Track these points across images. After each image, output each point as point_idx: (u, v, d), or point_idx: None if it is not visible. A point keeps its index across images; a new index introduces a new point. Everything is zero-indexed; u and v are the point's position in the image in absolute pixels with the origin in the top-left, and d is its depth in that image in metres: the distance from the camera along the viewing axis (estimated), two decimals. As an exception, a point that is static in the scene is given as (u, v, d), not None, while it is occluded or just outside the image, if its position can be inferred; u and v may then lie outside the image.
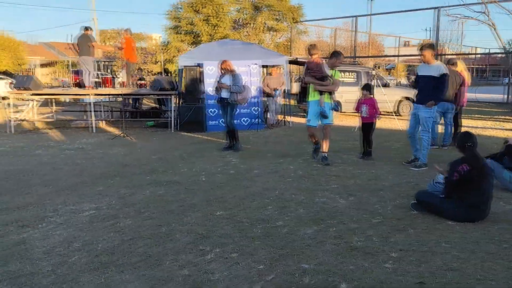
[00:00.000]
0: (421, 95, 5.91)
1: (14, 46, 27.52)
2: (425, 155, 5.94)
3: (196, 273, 2.84)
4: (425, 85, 5.80)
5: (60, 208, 4.28)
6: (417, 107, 5.96)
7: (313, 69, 6.02)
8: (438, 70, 5.71)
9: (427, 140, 5.92)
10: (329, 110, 6.15)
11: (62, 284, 2.70)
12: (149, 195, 4.73)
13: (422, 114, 5.86)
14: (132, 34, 12.87)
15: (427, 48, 5.78)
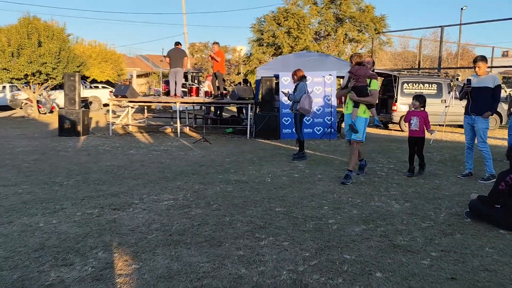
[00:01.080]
0: (476, 106, 5.90)
1: (115, 58, 30.54)
2: (491, 165, 5.92)
3: (250, 254, 3.30)
4: (480, 96, 5.82)
5: (144, 197, 5.02)
6: (471, 118, 5.97)
7: (355, 78, 5.69)
8: (493, 81, 5.78)
9: (487, 151, 5.93)
10: (362, 124, 5.71)
11: (141, 253, 3.32)
12: (219, 191, 5.31)
13: (480, 126, 5.89)
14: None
15: (480, 60, 5.84)
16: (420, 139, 6.15)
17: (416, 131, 6.09)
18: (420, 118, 6.05)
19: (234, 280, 2.86)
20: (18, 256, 3.24)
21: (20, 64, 16.55)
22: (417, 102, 6.12)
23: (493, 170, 5.91)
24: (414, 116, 6.10)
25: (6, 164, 7.02)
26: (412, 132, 6.13)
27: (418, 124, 6.06)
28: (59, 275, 2.92)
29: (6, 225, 3.95)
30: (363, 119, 5.71)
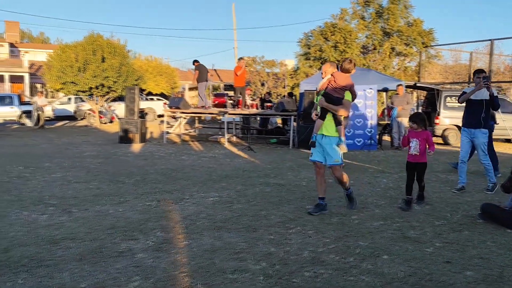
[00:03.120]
0: (473, 119, 5.81)
1: (169, 72, 32.40)
2: (492, 175, 6.04)
3: (279, 238, 3.96)
4: (477, 109, 5.75)
5: (194, 194, 5.82)
6: (470, 132, 5.88)
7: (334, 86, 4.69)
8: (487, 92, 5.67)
9: (488, 164, 5.96)
10: (335, 145, 4.73)
11: (191, 234, 4.07)
12: (258, 191, 6.01)
13: (480, 140, 5.81)
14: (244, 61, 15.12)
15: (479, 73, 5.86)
16: (420, 165, 5.15)
17: (415, 155, 5.10)
18: (421, 140, 5.06)
19: (264, 255, 3.53)
20: (96, 232, 4.10)
21: (85, 78, 18.25)
22: (414, 124, 5.15)
23: (495, 179, 6.07)
24: (414, 138, 5.10)
25: (77, 165, 8.12)
26: (411, 157, 5.15)
27: (418, 147, 5.05)
28: (128, 246, 3.73)
29: (83, 211, 4.87)
30: (336, 139, 4.73)
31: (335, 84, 4.64)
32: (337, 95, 4.65)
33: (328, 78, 4.71)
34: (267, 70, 28.79)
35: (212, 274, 3.15)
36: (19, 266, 3.23)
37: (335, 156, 4.73)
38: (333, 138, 4.72)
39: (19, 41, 42.11)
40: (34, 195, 5.59)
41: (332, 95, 4.65)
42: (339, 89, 4.63)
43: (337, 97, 4.65)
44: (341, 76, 4.67)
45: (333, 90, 4.65)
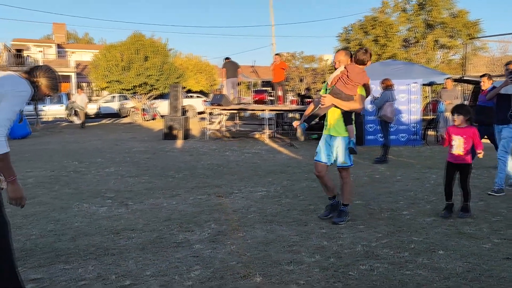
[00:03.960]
0: (501, 114, 5.55)
1: (209, 69, 32.85)
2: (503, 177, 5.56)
3: (331, 232, 4.00)
4: (504, 105, 5.50)
5: (242, 188, 5.94)
6: (498, 128, 5.66)
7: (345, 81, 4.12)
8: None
9: (504, 163, 5.55)
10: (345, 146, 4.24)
11: (244, 227, 4.19)
12: (305, 186, 6.06)
13: (505, 134, 5.51)
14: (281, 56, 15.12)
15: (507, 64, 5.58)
16: (464, 167, 4.46)
17: (458, 156, 4.43)
18: (466, 138, 4.37)
19: (318, 248, 3.59)
20: (153, 223, 4.29)
21: (130, 77, 18.87)
22: (460, 116, 4.40)
23: (503, 184, 5.57)
24: (457, 136, 4.41)
25: (127, 161, 8.45)
26: (452, 157, 4.48)
27: (462, 145, 4.39)
28: (185, 236, 3.89)
29: (139, 204, 5.09)
30: (346, 139, 4.23)
31: (347, 80, 4.02)
32: (348, 93, 4.04)
33: (341, 71, 4.09)
34: (305, 65, 28.66)
35: (268, 265, 3.24)
36: (87, 254, 3.45)
37: (343, 157, 4.25)
38: (343, 139, 4.22)
39: (66, 42, 43.95)
40: (91, 189, 5.89)
41: (342, 92, 4.05)
42: (351, 86, 4.03)
43: (347, 94, 4.05)
44: (356, 70, 4.02)
45: (344, 87, 4.04)
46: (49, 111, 20.92)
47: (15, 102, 2.36)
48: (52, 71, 2.63)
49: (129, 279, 3.01)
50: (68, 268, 3.18)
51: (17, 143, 11.32)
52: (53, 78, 2.61)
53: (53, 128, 16.90)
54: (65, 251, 3.50)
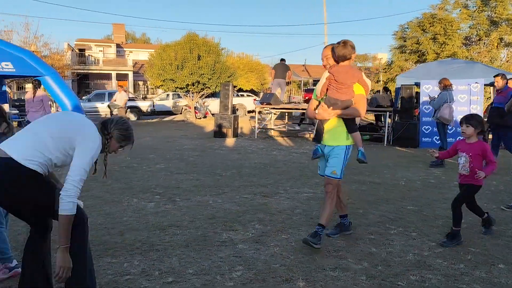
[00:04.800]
0: None
1: (259, 68, 32.96)
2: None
3: (380, 238, 3.82)
4: None
5: (288, 189, 5.85)
6: None
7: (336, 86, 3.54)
8: None
9: None
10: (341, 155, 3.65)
11: (288, 228, 4.10)
12: (354, 189, 5.86)
13: None
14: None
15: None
16: (469, 188, 3.76)
17: (465, 176, 3.74)
18: (473, 156, 3.66)
19: (365, 255, 3.43)
20: (199, 221, 4.31)
21: (183, 75, 19.31)
22: (470, 128, 3.68)
23: None
24: (463, 153, 3.73)
25: (177, 157, 8.62)
26: (460, 177, 3.81)
27: (467, 165, 3.68)
28: (228, 236, 3.87)
29: (185, 201, 5.15)
30: (344, 147, 3.65)
31: (337, 85, 3.48)
32: (345, 98, 3.50)
33: (327, 78, 3.54)
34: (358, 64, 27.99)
35: (312, 270, 3.14)
36: (134, 249, 3.51)
37: (334, 166, 3.63)
38: (342, 147, 3.62)
39: (124, 42, 45.86)
40: (141, 184, 6.04)
41: (338, 100, 3.50)
42: (345, 89, 3.48)
43: (344, 101, 3.50)
44: (341, 70, 3.47)
45: (337, 93, 3.49)
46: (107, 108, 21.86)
47: (86, 158, 2.35)
48: (124, 123, 2.59)
49: (172, 276, 3.02)
50: (114, 262, 3.26)
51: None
52: (125, 130, 2.57)
53: (110, 124, 17.62)
54: (112, 244, 3.59)
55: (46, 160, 2.31)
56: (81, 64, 35.72)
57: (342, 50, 3.43)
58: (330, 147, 3.64)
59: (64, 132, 2.37)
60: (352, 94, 3.53)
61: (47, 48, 25.69)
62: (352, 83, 3.50)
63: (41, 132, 2.36)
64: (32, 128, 2.42)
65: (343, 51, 3.43)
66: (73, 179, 2.28)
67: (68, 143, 2.34)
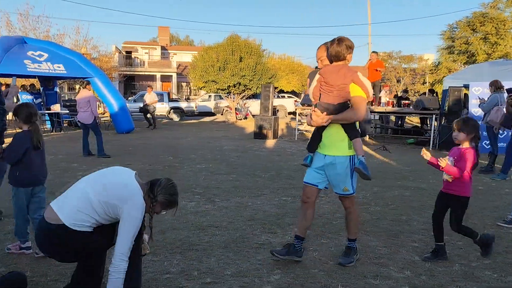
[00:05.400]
0: None
1: (301, 70, 32.79)
2: None
3: (424, 247, 3.68)
4: None
5: (328, 193, 5.72)
6: None
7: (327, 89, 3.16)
8: None
9: None
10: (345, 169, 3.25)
11: (328, 233, 4.03)
12: (397, 194, 5.68)
13: None
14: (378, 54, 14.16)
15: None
16: (453, 200, 3.38)
17: (447, 183, 3.41)
18: (457, 160, 3.33)
19: (408, 263, 3.31)
20: (237, 222, 4.32)
21: (225, 77, 19.52)
22: (461, 133, 3.35)
23: None
24: (450, 157, 3.42)
25: (218, 158, 8.71)
26: (443, 184, 3.48)
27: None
28: (267, 238, 3.86)
29: (225, 201, 5.18)
30: (346, 159, 3.24)
31: (328, 87, 3.10)
32: (338, 101, 3.10)
33: (317, 80, 3.21)
34: (404, 65, 27.22)
35: (352, 277, 3.06)
36: (174, 248, 3.57)
37: (344, 183, 3.25)
38: (343, 159, 3.22)
39: (169, 44, 47.01)
40: (182, 183, 6.15)
41: (330, 105, 3.09)
42: (336, 91, 3.08)
43: (337, 104, 3.09)
44: (330, 70, 3.11)
45: (328, 97, 3.11)
46: (151, 108, 22.47)
47: (131, 228, 2.42)
48: (170, 187, 2.60)
49: (210, 276, 3.04)
50: (155, 260, 3.32)
51: (122, 137, 12.32)
52: (171, 195, 2.59)
53: (154, 125, 18.11)
54: (154, 243, 3.66)
55: (94, 222, 2.46)
56: (128, 66, 36.97)
57: (335, 48, 3.08)
58: (331, 158, 3.22)
59: (111, 198, 2.44)
60: (346, 97, 3.09)
61: (96, 51, 26.76)
62: (344, 85, 3.06)
63: (90, 194, 2.45)
64: (82, 188, 2.52)
65: (337, 49, 3.07)
66: (121, 253, 2.38)
67: (114, 209, 2.44)
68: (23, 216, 3.41)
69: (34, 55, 12.04)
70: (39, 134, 3.39)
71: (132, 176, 2.58)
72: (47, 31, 22.48)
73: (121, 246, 2.39)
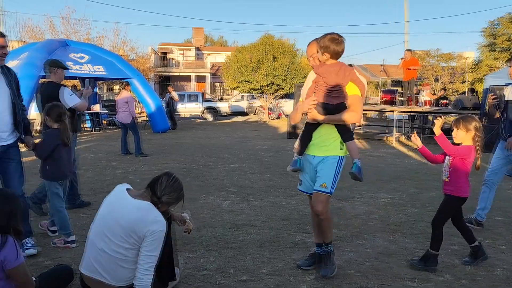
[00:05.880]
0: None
1: (335, 69, 32.38)
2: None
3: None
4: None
5: (363, 193, 5.69)
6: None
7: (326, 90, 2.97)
8: None
9: None
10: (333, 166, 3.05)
11: (364, 234, 3.99)
12: (434, 195, 5.54)
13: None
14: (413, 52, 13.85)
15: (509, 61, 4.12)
16: (450, 200, 3.33)
17: (445, 182, 3.33)
18: (454, 160, 3.22)
19: (447, 266, 3.24)
20: (272, 221, 4.35)
21: (258, 77, 19.61)
22: (459, 131, 3.21)
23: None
24: (448, 156, 3.30)
25: (251, 158, 8.77)
26: (443, 185, 3.38)
27: (447, 168, 3.28)
28: (302, 238, 3.86)
29: (259, 201, 5.22)
30: (336, 158, 3.06)
31: (327, 87, 2.93)
32: (337, 101, 2.94)
33: (313, 80, 3.04)
34: (442, 64, 26.43)
35: (389, 279, 3.02)
36: (210, 245, 3.64)
37: (324, 179, 3.03)
38: (334, 158, 3.04)
39: (203, 45, 47.62)
40: (217, 182, 6.24)
41: (329, 104, 2.94)
42: (335, 91, 2.93)
43: (337, 104, 2.94)
44: (330, 70, 2.91)
45: (328, 97, 2.94)
46: (186, 108, 22.89)
47: (156, 246, 2.41)
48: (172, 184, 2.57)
49: (246, 274, 3.08)
50: (192, 256, 3.40)
51: (158, 137, 12.61)
52: (176, 192, 2.58)
53: (188, 124, 18.43)
54: (190, 240, 3.74)
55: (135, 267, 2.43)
56: (163, 66, 37.73)
57: (338, 46, 2.88)
58: (320, 158, 3.06)
59: (134, 235, 2.39)
60: (345, 96, 2.97)
61: (134, 52, 27.47)
62: (344, 85, 2.94)
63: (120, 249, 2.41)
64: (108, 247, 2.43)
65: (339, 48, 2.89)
66: (146, 268, 2.38)
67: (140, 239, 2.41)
68: (62, 209, 3.60)
69: (76, 57, 12.50)
70: (68, 132, 3.62)
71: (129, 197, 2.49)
72: (87, 34, 23.32)
73: (147, 262, 2.39)
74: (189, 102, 22.93)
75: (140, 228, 2.38)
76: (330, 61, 2.92)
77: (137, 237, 2.39)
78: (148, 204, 2.48)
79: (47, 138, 3.60)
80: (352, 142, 3.02)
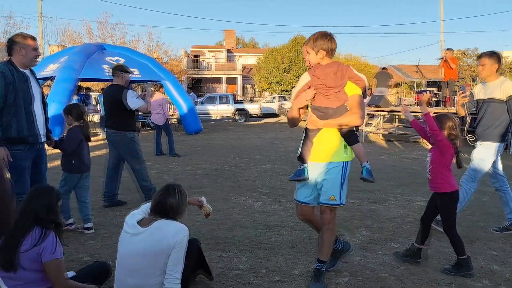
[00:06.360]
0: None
1: (367, 70, 31.92)
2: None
3: (503, 255, 3.47)
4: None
5: (398, 196, 5.59)
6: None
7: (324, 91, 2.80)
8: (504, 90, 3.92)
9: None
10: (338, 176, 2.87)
11: (398, 237, 3.92)
12: (473, 199, 5.32)
13: None
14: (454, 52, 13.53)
15: (486, 57, 3.99)
16: (441, 199, 3.27)
17: (429, 180, 3.33)
18: (433, 156, 3.27)
19: (486, 272, 3.14)
20: (304, 223, 4.29)
21: (289, 78, 19.60)
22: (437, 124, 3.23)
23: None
24: (430, 152, 3.37)
25: (282, 159, 8.77)
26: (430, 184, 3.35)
27: (428, 165, 3.31)
28: (334, 240, 3.82)
29: (291, 202, 5.12)
30: (340, 165, 2.88)
31: (326, 90, 2.76)
32: (337, 104, 2.78)
33: (308, 83, 2.83)
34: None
35: (424, 283, 2.96)
36: (242, 245, 3.67)
37: (333, 190, 2.86)
38: (337, 164, 2.86)
39: (234, 47, 47.99)
40: (249, 183, 6.28)
41: (329, 108, 2.77)
42: (334, 94, 2.76)
43: (337, 107, 2.78)
44: (328, 71, 2.74)
45: (327, 100, 2.78)
46: (218, 110, 23.11)
47: (183, 252, 2.44)
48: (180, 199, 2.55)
49: (278, 275, 3.09)
50: (224, 256, 3.44)
51: (191, 138, 12.80)
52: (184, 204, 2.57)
53: (220, 126, 18.62)
54: (223, 239, 3.79)
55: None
56: (195, 69, 38.28)
57: (332, 44, 2.77)
58: (322, 165, 2.88)
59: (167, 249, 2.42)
60: (345, 97, 2.78)
61: (167, 55, 28.04)
62: (344, 84, 2.77)
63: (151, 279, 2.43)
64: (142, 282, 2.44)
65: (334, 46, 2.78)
66: (176, 277, 2.39)
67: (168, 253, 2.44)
68: (67, 198, 4.01)
69: (112, 60, 12.86)
70: (88, 128, 4.06)
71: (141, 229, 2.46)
72: (123, 37, 24.02)
73: (176, 271, 2.40)
74: (220, 104, 23.13)
75: (167, 245, 2.39)
76: (325, 61, 2.78)
77: (166, 254, 2.40)
78: (160, 221, 2.47)
79: (72, 134, 3.96)
80: (357, 145, 2.87)
